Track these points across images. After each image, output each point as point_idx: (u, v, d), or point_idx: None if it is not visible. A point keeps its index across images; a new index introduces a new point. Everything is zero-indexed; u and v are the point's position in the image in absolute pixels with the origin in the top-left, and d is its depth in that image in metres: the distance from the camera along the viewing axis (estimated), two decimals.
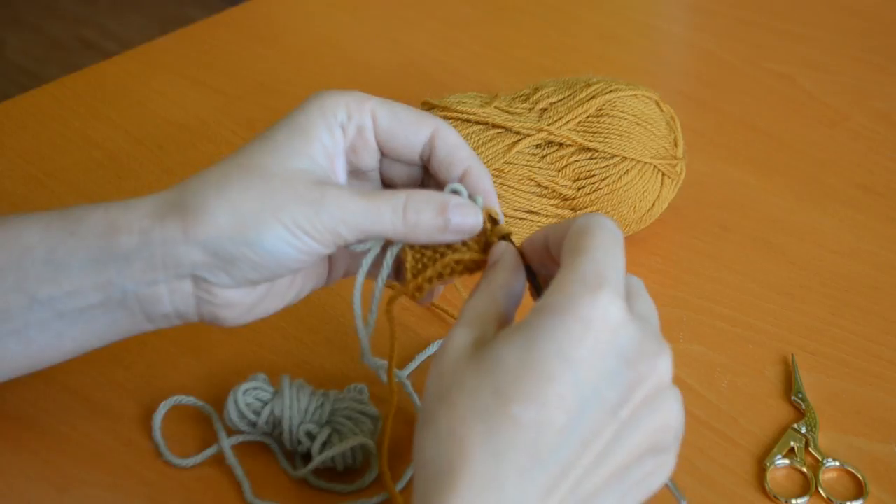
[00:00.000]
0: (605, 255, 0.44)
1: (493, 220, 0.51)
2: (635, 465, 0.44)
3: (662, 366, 0.43)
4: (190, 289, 0.50)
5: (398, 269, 0.53)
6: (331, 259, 0.55)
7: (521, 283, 0.49)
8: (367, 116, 0.52)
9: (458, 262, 0.51)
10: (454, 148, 0.53)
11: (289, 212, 0.48)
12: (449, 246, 0.51)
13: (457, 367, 0.44)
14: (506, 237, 0.51)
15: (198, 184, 0.49)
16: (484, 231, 0.51)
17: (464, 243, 0.51)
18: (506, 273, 0.49)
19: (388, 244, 0.52)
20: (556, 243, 0.47)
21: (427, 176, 0.55)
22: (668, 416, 0.44)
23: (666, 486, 0.46)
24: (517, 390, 0.41)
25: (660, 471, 0.45)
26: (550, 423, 0.41)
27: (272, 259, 0.49)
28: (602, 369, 0.42)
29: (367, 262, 0.52)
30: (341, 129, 0.52)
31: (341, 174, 0.52)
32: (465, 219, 0.50)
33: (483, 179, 0.53)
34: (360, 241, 0.51)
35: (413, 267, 0.51)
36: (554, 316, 0.42)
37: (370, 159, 0.53)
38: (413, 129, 0.53)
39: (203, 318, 0.52)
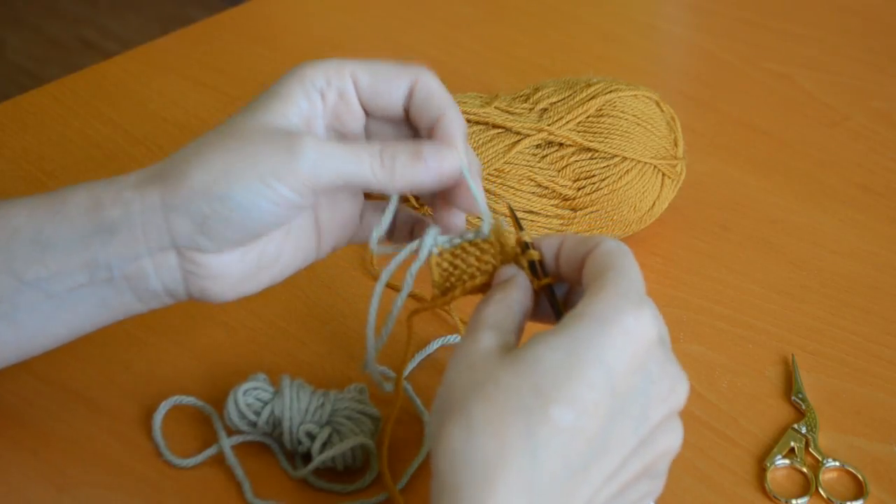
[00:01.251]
0: (638, 277, 0.45)
1: (523, 245, 0.50)
2: (635, 486, 0.44)
3: (681, 391, 0.44)
4: (175, 262, 0.50)
5: (392, 230, 0.54)
6: (318, 227, 0.54)
7: (531, 304, 0.49)
8: (348, 80, 0.52)
9: (486, 284, 0.51)
10: (430, 94, 0.52)
11: (262, 161, 0.48)
12: (478, 267, 0.51)
13: (489, 362, 0.43)
14: (533, 263, 0.50)
15: (179, 153, 0.50)
16: (515, 255, 0.50)
17: (488, 264, 0.51)
18: (521, 292, 0.48)
19: (412, 258, 0.51)
20: (575, 256, 0.48)
21: (414, 134, 0.54)
22: (673, 441, 0.45)
23: None
24: (558, 391, 0.41)
25: (651, 494, 0.46)
26: (583, 430, 0.41)
27: (245, 212, 0.48)
28: (633, 384, 0.42)
29: (387, 272, 0.52)
30: (320, 94, 0.52)
31: (320, 135, 0.52)
32: (442, 161, 0.50)
33: (454, 125, 0.52)
34: (338, 188, 0.50)
35: (440, 284, 0.51)
36: (598, 324, 0.42)
37: (354, 123, 0.53)
38: (395, 82, 0.52)
39: (192, 293, 0.51)
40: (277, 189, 0.48)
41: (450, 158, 0.50)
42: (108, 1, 2.55)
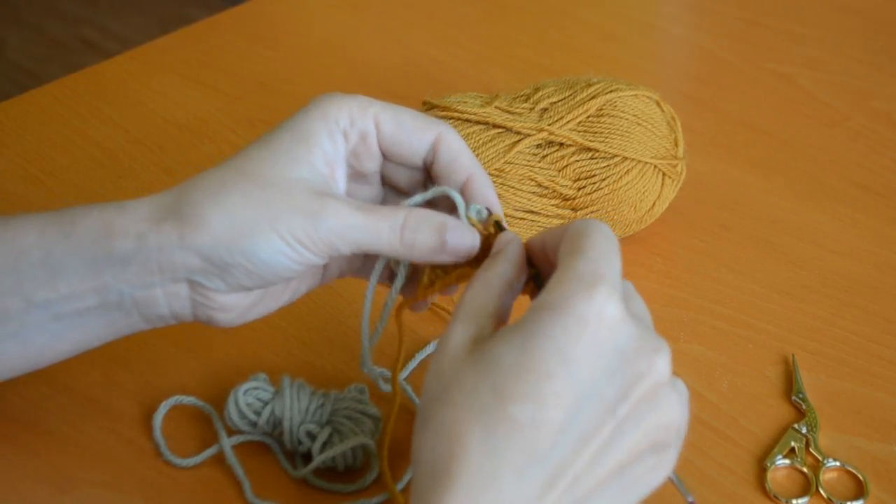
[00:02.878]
0: (601, 255, 0.44)
1: (498, 227, 0.51)
2: (635, 463, 0.43)
3: (661, 362, 0.43)
4: (186, 292, 0.50)
5: (392, 273, 0.54)
6: (325, 264, 0.55)
7: (521, 275, 0.49)
8: (370, 122, 0.52)
9: (461, 275, 0.51)
10: (457, 154, 0.53)
11: (285, 222, 0.48)
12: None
13: (455, 365, 0.44)
14: (498, 223, 0.51)
15: (195, 189, 0.49)
16: (489, 237, 0.51)
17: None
18: (506, 264, 0.48)
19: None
20: (553, 246, 0.47)
21: (428, 178, 0.55)
22: (669, 413, 0.44)
23: (670, 481, 0.46)
24: (514, 389, 0.41)
25: (660, 468, 0.45)
26: (548, 422, 0.41)
27: (267, 268, 0.49)
28: (600, 367, 0.42)
29: (375, 276, 0.53)
30: (343, 135, 0.51)
31: (341, 181, 0.52)
32: (461, 241, 0.50)
33: (486, 188, 0.53)
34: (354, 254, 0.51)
35: (428, 274, 0.52)
36: (550, 313, 0.42)
37: (372, 164, 0.53)
38: (417, 136, 0.52)
39: (199, 318, 0.52)
40: (299, 250, 0.49)
41: (470, 239, 0.50)
42: (108, 1, 2.55)
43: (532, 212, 0.68)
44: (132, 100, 0.87)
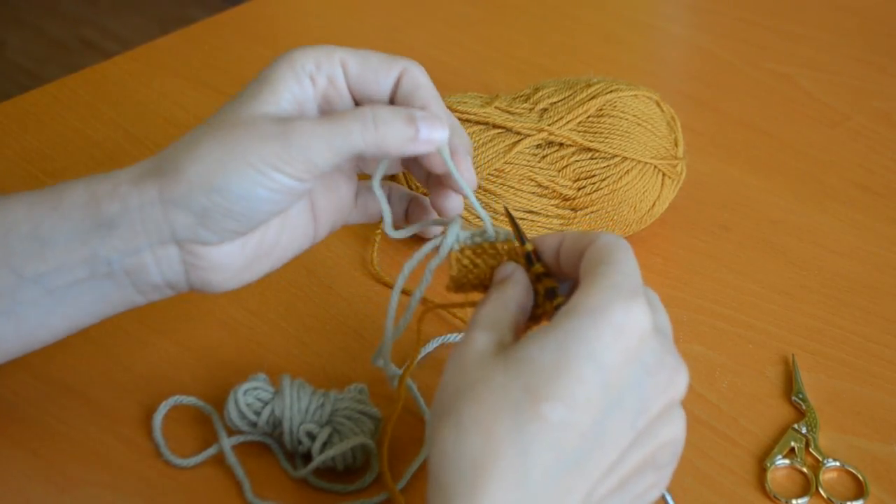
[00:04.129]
0: (634, 270, 0.45)
1: (529, 259, 0.50)
2: (638, 478, 0.44)
3: (680, 381, 0.44)
4: (176, 254, 0.50)
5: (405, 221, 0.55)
6: (314, 211, 0.55)
7: (530, 300, 0.49)
8: (337, 66, 0.52)
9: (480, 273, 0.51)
10: (417, 86, 0.53)
11: (254, 151, 0.48)
12: (493, 268, 0.51)
13: (481, 363, 0.44)
14: (528, 255, 0.50)
15: (173, 148, 0.50)
16: (516, 256, 0.51)
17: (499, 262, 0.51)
18: (519, 287, 0.49)
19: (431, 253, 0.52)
20: (572, 253, 0.48)
21: None
22: (675, 432, 0.45)
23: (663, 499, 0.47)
24: (548, 388, 0.41)
25: (657, 486, 0.46)
26: (576, 425, 0.41)
27: (246, 203, 0.49)
28: (627, 377, 0.42)
29: (377, 177, 0.53)
30: (310, 79, 0.52)
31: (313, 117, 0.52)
32: (432, 130, 0.50)
33: (437, 118, 0.52)
34: (335, 166, 0.50)
35: (457, 279, 0.52)
36: (588, 318, 0.42)
37: (344, 108, 0.53)
38: (383, 72, 0.53)
39: (193, 285, 0.51)
40: (274, 177, 0.48)
41: (440, 128, 0.51)
42: (108, 1, 2.55)
43: (532, 212, 0.68)
44: (132, 100, 0.87)
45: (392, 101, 0.53)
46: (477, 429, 0.41)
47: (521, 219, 0.67)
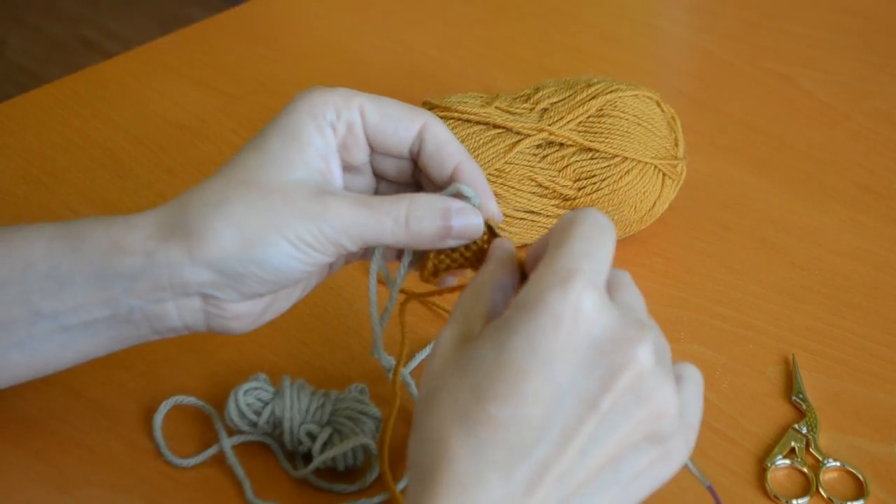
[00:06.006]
0: (581, 246, 0.43)
1: (491, 232, 0.51)
2: (630, 456, 0.43)
3: (641, 352, 0.42)
4: (199, 304, 0.50)
5: (400, 253, 0.54)
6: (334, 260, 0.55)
7: (510, 275, 0.48)
8: (356, 113, 0.52)
9: (453, 261, 0.52)
10: (444, 143, 0.53)
11: (292, 228, 0.49)
12: (464, 255, 0.52)
13: (443, 367, 0.44)
14: (490, 227, 0.51)
15: (198, 203, 0.49)
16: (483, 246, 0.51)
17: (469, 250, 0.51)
18: (495, 266, 0.48)
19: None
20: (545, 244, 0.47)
21: (416, 169, 0.55)
22: (661, 402, 0.43)
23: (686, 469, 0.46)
24: (492, 389, 0.41)
25: (667, 458, 0.44)
26: (528, 419, 0.41)
27: (279, 273, 0.49)
28: (577, 361, 0.42)
29: (374, 265, 0.54)
30: (331, 128, 0.51)
31: (337, 173, 0.52)
32: (467, 223, 0.50)
33: (475, 175, 0.53)
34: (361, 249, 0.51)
35: (430, 270, 0.52)
36: (525, 311, 0.42)
37: (361, 154, 0.53)
38: (402, 125, 0.53)
39: (213, 329, 0.52)
40: (309, 252, 0.49)
41: (475, 219, 0.51)
42: (108, 1, 2.55)
43: (532, 212, 0.68)
44: (132, 100, 0.87)
45: (413, 156, 0.54)
46: (432, 439, 0.42)
47: (521, 219, 0.67)
